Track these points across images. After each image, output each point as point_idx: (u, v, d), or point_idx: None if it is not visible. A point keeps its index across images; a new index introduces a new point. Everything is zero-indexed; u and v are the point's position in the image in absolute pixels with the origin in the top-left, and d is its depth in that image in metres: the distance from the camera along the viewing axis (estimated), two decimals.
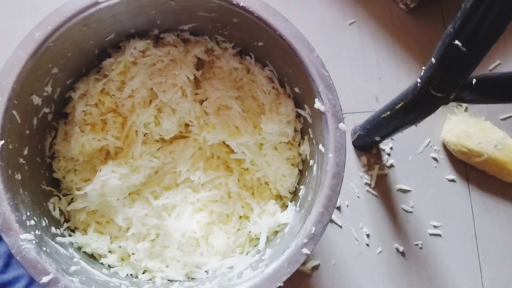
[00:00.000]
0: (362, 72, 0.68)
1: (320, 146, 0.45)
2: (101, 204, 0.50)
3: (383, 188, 0.64)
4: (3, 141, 0.41)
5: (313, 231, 0.42)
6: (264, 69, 0.54)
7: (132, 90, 0.52)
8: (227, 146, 0.54)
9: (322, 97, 0.44)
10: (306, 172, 0.51)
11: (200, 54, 0.54)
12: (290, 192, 0.54)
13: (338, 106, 0.44)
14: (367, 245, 0.62)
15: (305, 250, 0.42)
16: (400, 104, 0.49)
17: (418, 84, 0.46)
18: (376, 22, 0.69)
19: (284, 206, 0.55)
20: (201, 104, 0.54)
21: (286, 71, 0.50)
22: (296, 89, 0.50)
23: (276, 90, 0.53)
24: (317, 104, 0.44)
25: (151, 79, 0.52)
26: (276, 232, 0.51)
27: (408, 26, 0.70)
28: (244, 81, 0.54)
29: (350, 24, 0.69)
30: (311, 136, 0.49)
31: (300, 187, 0.51)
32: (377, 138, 0.59)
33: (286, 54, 0.46)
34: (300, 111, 0.51)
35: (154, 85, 0.52)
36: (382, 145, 0.66)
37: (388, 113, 0.52)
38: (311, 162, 0.49)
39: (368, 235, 0.62)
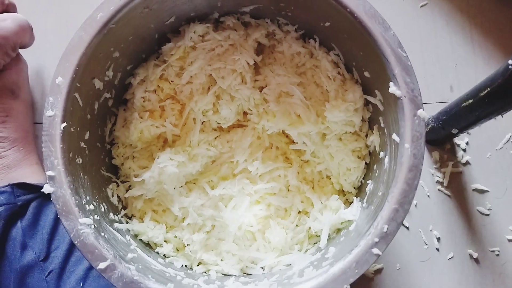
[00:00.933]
0: (435, 59, 0.62)
1: (394, 136, 0.41)
2: (158, 192, 0.49)
3: (457, 188, 0.59)
4: (65, 124, 0.41)
5: (385, 230, 0.38)
6: (329, 53, 0.50)
7: (191, 76, 0.51)
8: (287, 136, 0.51)
9: (398, 81, 0.40)
10: (375, 166, 0.46)
11: (260, 38, 0.51)
12: (354, 188, 0.50)
13: (417, 91, 0.40)
14: (437, 249, 0.57)
15: (376, 251, 0.37)
16: (486, 91, 0.43)
17: (510, 67, 0.40)
18: (450, 4, 0.63)
19: (348, 203, 0.51)
20: (260, 91, 0.51)
21: (354, 54, 0.46)
22: (366, 74, 0.45)
23: (342, 76, 0.49)
24: (392, 89, 0.40)
25: (210, 64, 0.50)
26: (339, 230, 0.47)
27: (486, 8, 0.63)
28: (306, 66, 0.51)
29: (422, 6, 0.63)
30: (382, 125, 0.45)
31: (367, 181, 0.47)
32: (454, 131, 0.53)
33: (357, 33, 0.42)
34: (369, 98, 0.47)
35: (213, 71, 0.50)
36: (457, 140, 0.60)
37: (471, 101, 0.47)
38: (382, 154, 0.44)
39: (438, 239, 0.57)
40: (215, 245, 0.48)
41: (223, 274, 0.48)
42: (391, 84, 0.40)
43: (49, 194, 0.39)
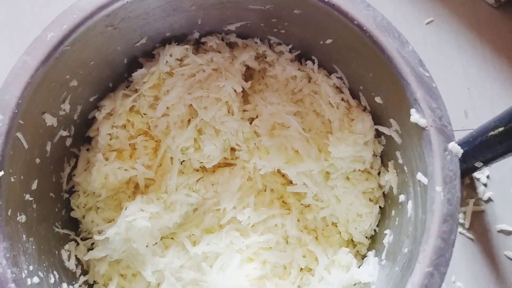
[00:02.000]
0: (445, 81, 0.55)
1: (420, 176, 0.33)
2: (126, 252, 0.40)
3: (480, 229, 0.51)
4: (2, 172, 0.32)
5: None
6: (330, 76, 0.43)
7: (167, 108, 0.43)
8: (284, 176, 0.43)
9: (422, 107, 0.32)
10: (393, 211, 0.38)
11: (249, 61, 0.44)
12: (367, 237, 0.42)
13: (446, 118, 0.32)
14: None
15: None
16: None
17: None
18: (458, 20, 0.57)
19: (359, 255, 0.42)
20: (251, 123, 0.43)
21: (362, 76, 0.38)
22: (378, 99, 0.38)
23: (346, 103, 0.42)
24: (415, 117, 0.32)
25: (190, 93, 0.42)
26: None
27: (498, 24, 0.57)
28: (304, 92, 0.43)
29: (428, 23, 0.57)
30: (400, 161, 0.37)
31: (384, 231, 0.38)
32: (478, 164, 0.45)
33: (366, 51, 0.35)
34: (382, 128, 0.39)
35: (194, 101, 0.42)
36: (476, 174, 0.52)
37: (501, 129, 0.39)
38: (402, 197, 0.36)
39: None
40: None
41: None
42: (412, 111, 0.33)
43: None
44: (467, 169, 0.48)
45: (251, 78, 0.45)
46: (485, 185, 0.52)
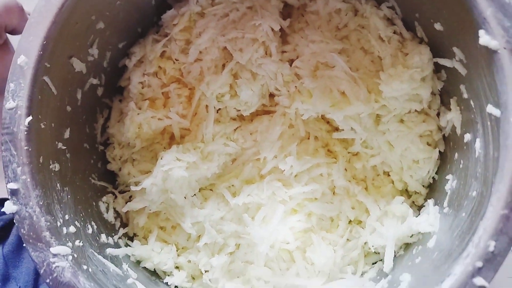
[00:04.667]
0: None
1: (490, 108, 0.28)
2: (165, 203, 0.38)
3: None
4: (30, 118, 0.31)
5: (491, 249, 0.25)
6: (380, 6, 0.37)
7: (200, 52, 0.40)
8: (329, 122, 0.39)
9: (493, 26, 0.27)
10: (456, 154, 0.34)
11: None
12: (424, 186, 0.38)
13: None
14: None
15: (481, 281, 0.25)
16: None
17: None
18: None
19: (415, 207, 0.38)
20: (291, 64, 0.39)
21: (417, 3, 0.33)
22: (437, 26, 0.33)
23: (399, 36, 0.37)
24: (484, 39, 0.27)
25: (224, 34, 0.39)
26: (408, 245, 0.35)
27: None
28: (350, 27, 0.39)
29: None
30: (465, 96, 0.32)
31: (446, 177, 0.34)
32: None
33: None
34: (442, 61, 0.34)
35: (228, 43, 0.39)
36: None
37: None
38: (468, 136, 0.31)
39: None
40: (242, 270, 0.37)
41: None
42: (481, 32, 0.28)
43: None
44: None
45: (290, 16, 0.41)
46: None
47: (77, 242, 0.31)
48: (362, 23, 0.38)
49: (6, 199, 0.38)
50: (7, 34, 0.41)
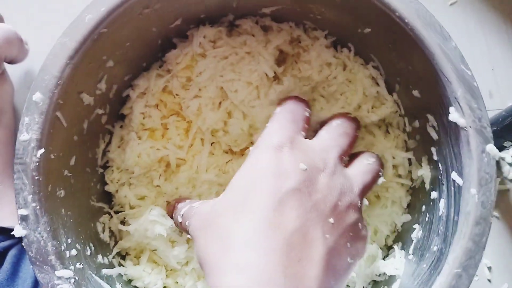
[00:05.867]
0: (470, 63, 0.54)
1: (454, 175, 0.32)
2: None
3: (505, 208, 0.51)
4: (43, 150, 0.33)
5: None
6: (367, 66, 0.41)
7: (199, 89, 0.43)
8: None
9: (462, 106, 0.31)
10: (423, 207, 0.38)
11: (283, 45, 0.43)
12: (391, 230, 0.42)
13: (485, 119, 0.31)
14: (489, 280, 0.49)
15: None
16: None
17: None
18: (482, 1, 0.56)
19: (385, 246, 0.42)
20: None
21: (400, 68, 0.37)
22: (415, 93, 0.37)
23: (377, 94, 0.41)
24: (454, 116, 0.31)
25: (222, 75, 0.42)
26: (376, 282, 0.39)
27: None
28: (338, 80, 0.42)
29: (451, 4, 0.56)
30: (435, 157, 0.36)
31: (414, 225, 0.38)
32: (507, 144, 0.44)
33: (407, 44, 0.33)
34: (416, 123, 0.38)
35: (225, 83, 0.42)
36: (501, 153, 0.51)
37: None
38: (434, 194, 0.36)
39: (489, 268, 0.49)
40: None
41: None
42: (451, 109, 0.32)
43: None
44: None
45: (284, 63, 0.44)
46: (510, 164, 0.51)
47: (78, 265, 0.34)
48: (349, 77, 0.42)
49: (1, 228, 0.40)
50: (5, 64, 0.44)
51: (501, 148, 0.46)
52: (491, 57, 0.54)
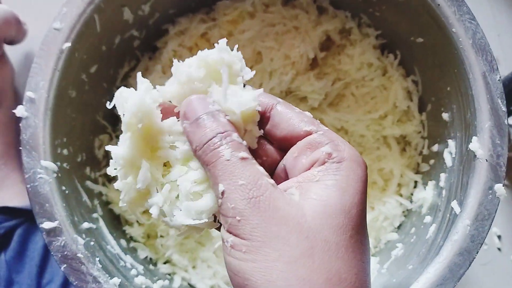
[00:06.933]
0: None
1: (454, 204, 0.31)
2: None
3: None
4: (69, 44, 0.33)
5: None
6: (406, 78, 0.41)
7: (237, 46, 0.42)
8: None
9: (485, 138, 0.30)
10: (413, 229, 0.37)
11: (332, 32, 0.42)
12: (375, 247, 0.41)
13: (503, 159, 0.30)
14: (499, 249, 0.47)
15: None
16: None
17: None
18: None
19: None
20: None
21: (439, 87, 0.36)
22: (445, 116, 0.36)
23: (407, 109, 0.40)
24: (475, 145, 0.30)
25: (264, 41, 0.42)
26: None
27: None
28: (374, 84, 0.41)
29: None
30: (442, 184, 0.35)
31: (397, 244, 0.37)
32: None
33: (453, 64, 0.32)
34: (436, 147, 0.37)
35: (264, 49, 0.41)
36: (510, 120, 0.50)
37: None
38: (427, 219, 0.35)
39: (499, 237, 0.47)
40: (192, 248, 0.40)
41: (189, 284, 0.39)
42: (474, 139, 0.31)
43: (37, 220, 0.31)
44: None
45: (327, 50, 0.44)
46: None
47: (65, 164, 0.34)
48: (385, 84, 0.41)
49: (6, 208, 0.40)
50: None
51: (509, 113, 0.44)
52: (497, 24, 0.52)
